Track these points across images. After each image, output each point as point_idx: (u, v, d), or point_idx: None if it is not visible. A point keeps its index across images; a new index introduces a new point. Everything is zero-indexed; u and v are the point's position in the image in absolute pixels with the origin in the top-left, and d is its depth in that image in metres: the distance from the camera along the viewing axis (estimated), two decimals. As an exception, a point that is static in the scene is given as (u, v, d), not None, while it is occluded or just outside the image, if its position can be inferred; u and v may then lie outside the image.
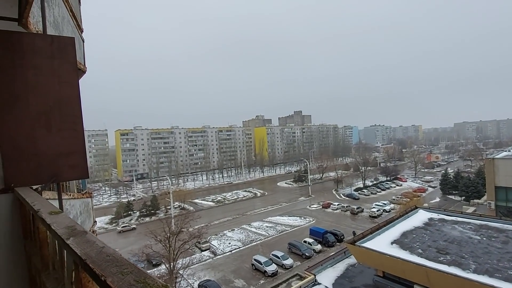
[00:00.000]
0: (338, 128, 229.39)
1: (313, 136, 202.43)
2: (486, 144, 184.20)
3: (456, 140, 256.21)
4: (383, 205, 66.21)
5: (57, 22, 5.34)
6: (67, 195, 6.01)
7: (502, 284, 13.07)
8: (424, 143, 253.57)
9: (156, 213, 72.17)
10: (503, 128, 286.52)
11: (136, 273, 1.28)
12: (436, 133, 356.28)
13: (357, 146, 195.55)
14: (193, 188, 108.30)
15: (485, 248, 17.36)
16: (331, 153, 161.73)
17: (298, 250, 43.55)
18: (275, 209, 72.85)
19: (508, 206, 42.23)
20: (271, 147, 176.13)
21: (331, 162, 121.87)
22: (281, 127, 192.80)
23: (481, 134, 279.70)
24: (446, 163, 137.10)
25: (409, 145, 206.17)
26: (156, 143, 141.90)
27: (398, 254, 17.16)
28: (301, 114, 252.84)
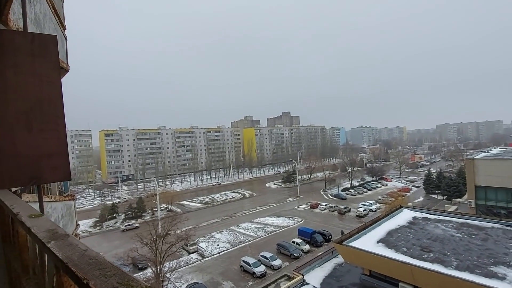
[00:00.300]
0: (326, 129, 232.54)
1: (301, 137, 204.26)
2: (467, 145, 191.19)
3: (439, 141, 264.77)
4: (369, 204, 67.52)
5: (38, 19, 5.17)
6: (48, 197, 5.81)
7: (482, 280, 13.58)
8: (408, 144, 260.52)
9: (142, 216, 70.79)
10: (482, 130, 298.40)
11: (119, 275, 1.27)
12: (420, 134, 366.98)
13: (344, 147, 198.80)
14: (180, 189, 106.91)
15: (466, 245, 17.99)
16: (319, 154, 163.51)
17: (287, 251, 43.74)
18: (263, 210, 72.93)
19: (487, 204, 43.95)
20: (260, 148, 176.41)
21: (319, 163, 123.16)
22: (269, 128, 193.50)
23: (462, 136, 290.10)
24: (429, 164, 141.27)
25: (394, 146, 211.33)
26: (142, 143, 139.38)
27: (384, 252, 17.52)
28: (290, 115, 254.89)
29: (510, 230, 20.23)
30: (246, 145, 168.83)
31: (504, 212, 41.70)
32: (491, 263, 15.40)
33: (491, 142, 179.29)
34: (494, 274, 14.16)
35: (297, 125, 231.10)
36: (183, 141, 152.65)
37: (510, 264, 15.10)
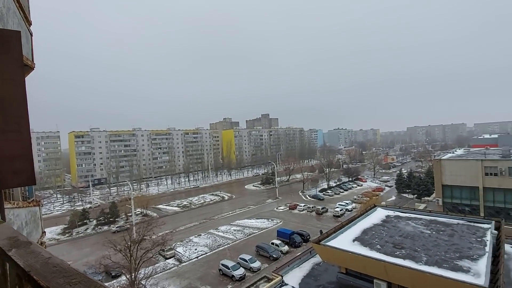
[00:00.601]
0: (304, 131, 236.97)
1: (280, 139, 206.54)
2: (434, 147, 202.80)
3: (409, 143, 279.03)
4: (346, 204, 69.56)
5: (1, 13, 4.81)
6: (10, 203, 5.38)
7: (449, 273, 14.42)
8: (381, 146, 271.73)
9: (115, 221, 67.93)
10: (448, 132, 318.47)
11: (85, 282, 1.24)
12: (392, 136, 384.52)
13: (321, 149, 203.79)
14: (156, 193, 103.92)
15: (435, 241, 19.03)
16: (298, 156, 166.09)
17: (266, 252, 43.86)
18: (243, 212, 72.71)
19: (453, 202, 46.89)
20: (239, 150, 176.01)
21: (298, 164, 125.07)
22: (248, 130, 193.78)
23: (430, 137, 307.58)
24: (400, 164, 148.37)
25: (369, 147, 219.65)
26: (116, 146, 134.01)
27: (359, 250, 18.08)
28: (269, 117, 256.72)
29: (473, 225, 21.70)
30: (225, 147, 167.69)
31: (468, 209, 44.71)
32: (457, 257, 16.40)
33: (456, 143, 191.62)
34: (460, 268, 15.09)
35: (276, 127, 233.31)
36: (159, 143, 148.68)
37: (473, 257, 16.17)
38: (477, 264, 15.30)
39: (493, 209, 42.87)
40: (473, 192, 44.84)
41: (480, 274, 14.08)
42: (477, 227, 21.35)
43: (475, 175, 44.28)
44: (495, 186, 42.69)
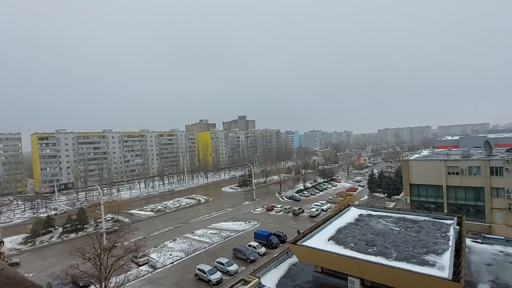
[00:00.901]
0: (281, 133, 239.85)
1: (257, 140, 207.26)
2: (403, 148, 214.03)
3: (380, 144, 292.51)
4: (321, 205, 71.13)
5: None
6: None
7: (417, 268, 15.13)
8: (354, 147, 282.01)
9: (84, 228, 64.19)
10: (414, 134, 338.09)
11: None
12: (364, 138, 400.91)
13: (298, 150, 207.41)
14: (129, 197, 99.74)
15: (403, 237, 19.92)
16: (274, 157, 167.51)
17: (243, 255, 43.57)
18: (219, 215, 71.81)
19: (419, 200, 49.55)
20: (216, 152, 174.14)
21: (274, 166, 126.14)
22: (225, 132, 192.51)
23: (399, 139, 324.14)
24: (372, 165, 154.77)
25: (343, 149, 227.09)
26: (84, 148, 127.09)
27: (334, 249, 18.46)
28: (245, 119, 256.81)
29: (438, 222, 23.03)
30: (202, 149, 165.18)
31: (433, 206, 47.49)
32: (424, 252, 17.27)
33: (422, 144, 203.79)
34: (426, 262, 15.89)
35: (253, 129, 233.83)
36: (132, 145, 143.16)
37: (438, 252, 17.12)
38: (441, 258, 16.18)
39: (455, 206, 45.88)
40: (437, 190, 47.74)
41: (444, 267, 14.90)
42: (441, 223, 22.67)
43: (439, 175, 47.19)
44: (457, 184, 45.77)
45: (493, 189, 42.89)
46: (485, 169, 43.38)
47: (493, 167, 42.89)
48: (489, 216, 43.23)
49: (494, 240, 24.92)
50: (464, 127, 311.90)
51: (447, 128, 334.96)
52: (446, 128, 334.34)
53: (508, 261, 20.58)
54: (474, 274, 18.73)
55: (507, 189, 41.53)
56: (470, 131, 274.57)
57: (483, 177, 43.47)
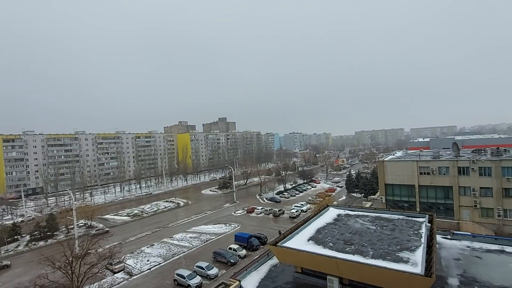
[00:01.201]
0: (261, 135, 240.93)
1: (237, 142, 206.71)
2: (378, 149, 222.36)
3: (357, 146, 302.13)
4: (301, 206, 72.03)
5: None
6: None
7: (392, 265, 15.64)
8: (333, 149, 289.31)
9: (54, 235, 60.67)
10: (389, 136, 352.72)
11: None
12: (342, 140, 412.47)
13: (278, 152, 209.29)
14: (103, 202, 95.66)
15: (379, 236, 20.57)
16: (255, 159, 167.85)
17: (223, 258, 43.07)
18: (199, 218, 70.63)
19: (394, 199, 51.60)
20: (195, 154, 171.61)
21: (255, 168, 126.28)
22: (205, 134, 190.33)
23: (374, 141, 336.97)
24: (350, 166, 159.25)
25: (322, 150, 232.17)
26: (55, 151, 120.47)
27: (314, 249, 18.67)
28: (226, 120, 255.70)
29: (411, 220, 24.03)
30: (181, 151, 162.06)
31: (407, 205, 49.64)
32: (398, 249, 17.92)
33: (396, 146, 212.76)
34: (401, 259, 16.49)
35: (233, 130, 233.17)
36: (107, 147, 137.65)
37: (411, 249, 17.84)
38: (414, 255, 16.86)
39: (426, 204, 48.24)
40: (410, 190, 49.96)
41: (417, 264, 15.53)
42: (414, 221, 23.66)
43: (411, 175, 49.45)
44: (428, 183, 48.18)
45: (461, 188, 45.58)
46: (453, 169, 46.03)
47: (461, 167, 45.61)
48: (457, 214, 45.84)
49: (462, 236, 26.39)
50: (434, 130, 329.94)
51: (418, 130, 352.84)
52: (418, 131, 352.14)
53: (474, 255, 21.86)
54: (444, 269, 19.70)
55: (473, 187, 44.28)
56: (439, 133, 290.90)
57: (452, 176, 46.09)
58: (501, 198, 42.26)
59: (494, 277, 18.25)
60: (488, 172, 43.20)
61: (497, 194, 42.47)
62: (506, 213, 42.17)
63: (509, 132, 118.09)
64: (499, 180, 42.26)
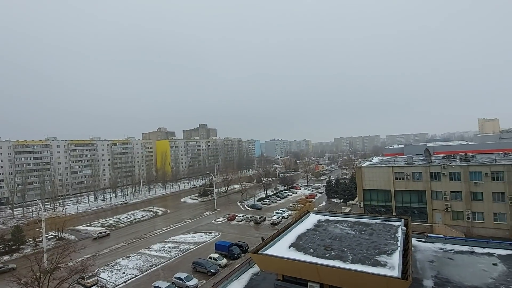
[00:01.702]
0: (242, 142, 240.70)
1: (218, 149, 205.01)
2: (356, 155, 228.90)
3: (336, 152, 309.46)
4: (282, 212, 72.19)
5: None
6: None
7: (371, 269, 15.92)
8: (313, 155, 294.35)
9: (20, 249, 56.53)
10: (366, 143, 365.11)
11: None
12: (322, 146, 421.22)
13: (259, 159, 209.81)
14: (75, 212, 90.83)
15: (358, 240, 20.95)
16: (236, 166, 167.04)
17: (203, 268, 41.98)
18: (178, 227, 68.72)
19: (371, 204, 53.06)
20: (175, 161, 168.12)
21: (236, 175, 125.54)
22: (185, 140, 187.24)
23: (352, 147, 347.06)
24: (329, 172, 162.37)
25: (302, 157, 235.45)
26: (23, 158, 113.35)
27: (295, 256, 18.64)
28: (207, 127, 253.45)
29: (388, 224, 24.76)
30: (160, 159, 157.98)
31: (383, 210, 51.19)
32: (376, 253, 18.31)
33: (372, 152, 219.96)
34: (379, 263, 16.84)
35: (214, 137, 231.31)
36: (80, 154, 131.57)
37: (388, 252, 18.30)
38: (391, 258, 17.30)
39: (402, 209, 50.01)
40: (387, 195, 51.65)
41: (394, 267, 15.92)
42: (391, 225, 24.38)
43: (388, 180, 51.22)
44: (403, 188, 50.08)
45: (433, 192, 47.75)
46: (426, 174, 48.23)
47: (433, 173, 47.87)
48: (430, 217, 47.86)
49: (435, 238, 27.52)
50: (407, 137, 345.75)
51: (393, 137, 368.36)
52: (393, 138, 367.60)
53: (446, 257, 22.81)
54: (420, 271, 20.37)
55: (444, 192, 46.54)
56: (412, 140, 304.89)
57: (425, 181, 48.23)
58: (470, 201, 44.70)
59: (465, 277, 19.10)
60: (458, 177, 45.65)
61: (466, 197, 44.89)
62: (475, 215, 44.59)
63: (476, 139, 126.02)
64: (468, 184, 44.76)
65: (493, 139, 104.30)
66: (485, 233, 42.66)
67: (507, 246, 24.06)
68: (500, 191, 42.77)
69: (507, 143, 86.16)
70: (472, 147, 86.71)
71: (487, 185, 43.56)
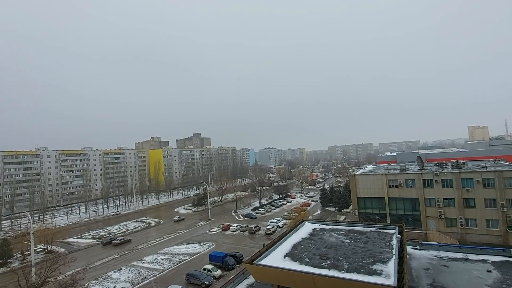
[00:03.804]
0: (236, 151, 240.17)
1: (212, 158, 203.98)
2: (350, 163, 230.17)
3: (330, 160, 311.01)
4: (277, 221, 71.67)
5: None
6: None
7: (366, 278, 15.79)
8: (307, 164, 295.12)
9: (7, 263, 54.65)
10: (360, 150, 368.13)
11: None
12: (316, 154, 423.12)
13: (253, 168, 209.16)
14: (66, 224, 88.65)
15: (353, 249, 20.85)
16: (230, 175, 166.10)
17: (197, 280, 41.08)
18: (172, 238, 67.45)
19: (366, 212, 53.13)
20: (168, 171, 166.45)
21: (230, 184, 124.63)
22: (179, 150, 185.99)
23: (346, 155, 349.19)
24: (323, 180, 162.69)
25: (296, 165, 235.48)
26: (12, 169, 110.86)
27: (290, 266, 18.40)
28: (200, 136, 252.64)
29: (383, 232, 24.75)
30: (153, 168, 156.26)
31: (378, 217, 51.26)
32: (372, 262, 18.21)
33: (366, 160, 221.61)
34: (374, 271, 16.73)
35: (208, 146, 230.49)
36: (71, 165, 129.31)
37: (384, 260, 18.21)
38: (387, 266, 17.20)
39: (396, 216, 50.18)
40: (381, 202, 51.83)
41: (390, 275, 15.81)
42: (385, 233, 24.37)
43: (381, 187, 51.52)
44: (396, 196, 50.38)
45: (426, 199, 48.14)
46: (419, 181, 48.70)
47: (425, 180, 48.38)
48: (424, 224, 48.08)
49: (429, 246, 27.56)
50: (400, 144, 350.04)
51: (386, 145, 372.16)
52: (386, 145, 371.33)
53: (441, 264, 22.81)
54: (415, 279, 20.28)
55: (437, 198, 46.95)
56: (405, 147, 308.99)
57: (418, 188, 48.66)
58: (463, 208, 45.14)
59: (460, 284, 19.08)
60: (450, 183, 46.21)
61: (458, 204, 45.33)
62: (468, 222, 44.97)
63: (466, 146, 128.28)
64: (460, 191, 45.28)
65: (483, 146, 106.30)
66: (478, 240, 42.99)
67: (501, 253, 24.23)
68: (492, 197, 43.38)
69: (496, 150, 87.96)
70: (463, 154, 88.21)
71: (478, 191, 44.16)
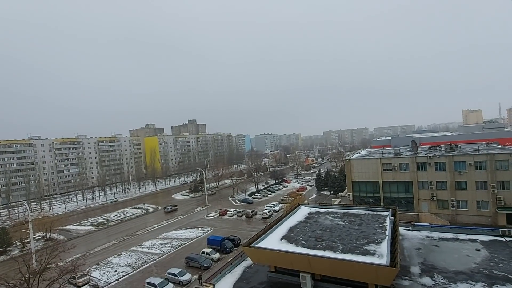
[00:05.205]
0: (232, 137, 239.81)
1: (208, 145, 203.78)
2: (345, 148, 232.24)
3: (325, 145, 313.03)
4: (273, 206, 72.85)
5: None
6: None
7: (360, 258, 16.41)
8: (303, 149, 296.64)
9: (7, 251, 55.17)
10: (355, 135, 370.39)
11: None
12: (311, 140, 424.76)
13: (249, 154, 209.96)
14: (63, 212, 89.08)
15: (348, 231, 21.48)
16: (226, 161, 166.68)
17: (196, 263, 42.12)
18: (170, 223, 68.42)
19: (360, 195, 54.19)
20: (164, 158, 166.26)
21: (226, 170, 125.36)
22: (174, 137, 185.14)
23: (341, 140, 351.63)
24: (319, 165, 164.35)
25: (292, 151, 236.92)
26: (5, 158, 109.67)
27: (286, 248, 18.97)
28: (196, 123, 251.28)
29: (376, 214, 25.44)
30: (149, 155, 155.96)
31: (372, 200, 52.40)
32: (365, 242, 18.85)
33: (361, 145, 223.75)
34: (368, 252, 17.36)
35: (203, 133, 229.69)
36: (66, 153, 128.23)
37: (377, 241, 18.87)
38: (380, 247, 17.83)
39: (389, 199, 51.33)
40: (375, 186, 52.83)
41: (383, 255, 16.43)
42: (379, 215, 25.06)
43: (376, 171, 52.34)
44: (390, 179, 51.31)
45: (419, 182, 49.15)
46: (413, 165, 49.52)
47: (419, 163, 49.20)
48: (417, 206, 49.34)
49: (421, 227, 28.48)
50: (394, 128, 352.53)
51: (381, 129, 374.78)
52: (380, 130, 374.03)
53: (432, 244, 23.68)
54: (407, 258, 21.10)
55: (430, 181, 47.96)
56: (399, 131, 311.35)
57: (411, 172, 49.55)
58: (454, 190, 46.28)
59: (450, 262, 19.92)
60: (443, 167, 47.10)
61: (450, 186, 46.44)
62: (459, 204, 46.26)
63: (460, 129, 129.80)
64: (452, 174, 46.27)
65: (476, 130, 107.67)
66: (468, 221, 44.41)
67: (489, 232, 25.17)
68: (483, 179, 44.45)
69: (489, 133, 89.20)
70: (457, 137, 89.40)
71: (470, 174, 45.18)
